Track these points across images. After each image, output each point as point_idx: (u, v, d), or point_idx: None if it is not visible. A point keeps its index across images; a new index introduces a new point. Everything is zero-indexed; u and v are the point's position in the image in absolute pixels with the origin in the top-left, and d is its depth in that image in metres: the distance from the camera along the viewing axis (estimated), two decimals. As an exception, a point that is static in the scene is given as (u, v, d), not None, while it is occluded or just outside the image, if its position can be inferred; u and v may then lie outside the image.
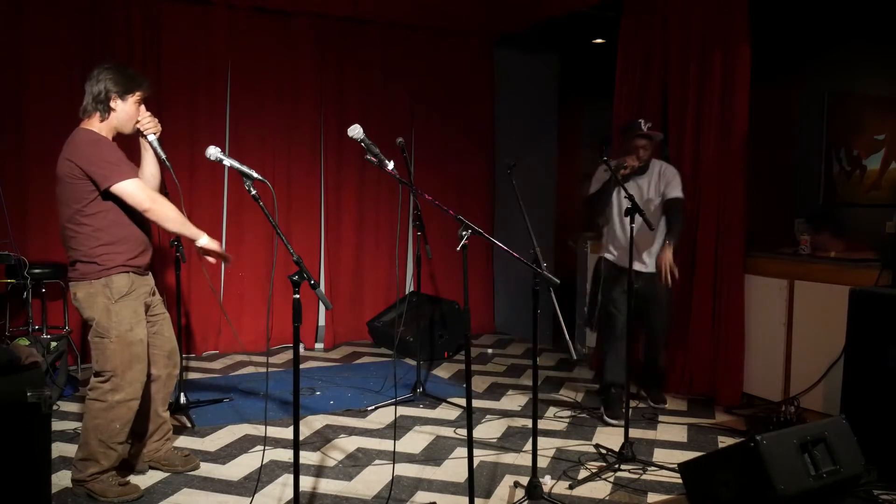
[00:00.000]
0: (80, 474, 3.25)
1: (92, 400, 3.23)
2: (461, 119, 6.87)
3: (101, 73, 3.18)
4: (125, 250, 3.21)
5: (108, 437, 3.21)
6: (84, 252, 3.17)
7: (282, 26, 6.09)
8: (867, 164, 5.79)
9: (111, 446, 3.23)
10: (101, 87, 3.16)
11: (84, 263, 3.18)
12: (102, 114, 3.19)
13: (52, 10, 5.29)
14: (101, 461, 3.23)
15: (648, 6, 5.31)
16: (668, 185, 4.43)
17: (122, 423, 3.24)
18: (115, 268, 3.18)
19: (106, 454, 3.23)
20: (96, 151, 3.11)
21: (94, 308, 3.18)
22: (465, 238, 2.84)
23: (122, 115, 3.20)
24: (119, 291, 3.18)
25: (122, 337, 3.18)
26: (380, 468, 3.69)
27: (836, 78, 5.96)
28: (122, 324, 3.18)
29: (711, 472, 3.03)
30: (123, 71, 3.23)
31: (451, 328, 5.99)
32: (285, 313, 5.98)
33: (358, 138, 3.12)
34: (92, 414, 3.22)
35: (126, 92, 3.18)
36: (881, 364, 3.56)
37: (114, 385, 3.20)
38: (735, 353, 4.76)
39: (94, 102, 3.17)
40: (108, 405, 3.20)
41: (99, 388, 3.22)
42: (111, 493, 3.22)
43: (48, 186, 5.30)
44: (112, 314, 3.17)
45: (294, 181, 6.21)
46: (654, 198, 4.45)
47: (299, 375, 2.68)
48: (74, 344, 5.17)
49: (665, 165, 4.54)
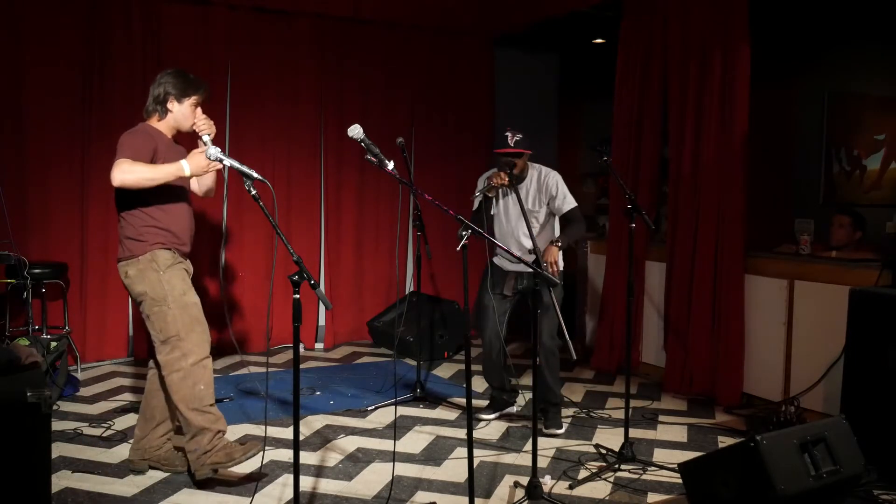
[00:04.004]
0: (199, 454, 3.28)
1: (168, 375, 3.29)
2: (461, 119, 6.87)
3: (162, 77, 3.40)
4: (169, 233, 3.34)
5: (199, 403, 3.28)
6: (131, 231, 3.30)
7: (282, 26, 6.09)
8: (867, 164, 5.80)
9: (205, 410, 3.29)
10: (161, 90, 3.37)
11: (131, 241, 3.31)
12: (161, 114, 3.39)
13: (52, 10, 5.29)
14: (208, 426, 3.28)
15: (648, 6, 5.31)
16: (554, 195, 4.13)
17: (206, 384, 3.31)
18: (157, 243, 3.30)
19: (207, 418, 3.29)
20: (128, 138, 3.26)
21: (145, 281, 3.28)
22: (465, 238, 2.85)
23: (179, 115, 3.39)
24: (165, 262, 3.30)
25: (178, 301, 3.28)
26: (380, 468, 3.69)
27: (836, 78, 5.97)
28: (176, 289, 3.29)
29: (711, 472, 3.03)
30: (183, 76, 3.41)
31: (451, 328, 5.99)
32: (285, 313, 5.98)
33: (358, 138, 3.12)
34: (174, 388, 3.28)
35: (183, 95, 3.37)
36: (881, 364, 3.56)
37: (182, 350, 3.27)
38: (735, 353, 4.76)
39: (155, 103, 3.39)
40: (185, 372, 3.26)
41: (169, 361, 3.28)
42: (237, 454, 3.29)
43: (48, 186, 5.38)
44: (164, 282, 3.28)
45: (294, 181, 6.21)
46: (536, 208, 4.16)
47: (299, 375, 2.68)
48: (74, 344, 5.18)
49: (545, 172, 4.19)
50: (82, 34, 5.39)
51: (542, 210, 4.19)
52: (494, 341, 4.29)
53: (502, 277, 4.28)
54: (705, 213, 4.91)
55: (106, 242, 5.42)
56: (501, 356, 4.36)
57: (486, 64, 7.00)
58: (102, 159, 4.96)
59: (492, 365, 4.38)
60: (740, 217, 4.74)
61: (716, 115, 4.83)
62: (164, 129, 3.40)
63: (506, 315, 4.32)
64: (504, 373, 4.44)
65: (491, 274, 4.22)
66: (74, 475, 3.50)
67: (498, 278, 4.28)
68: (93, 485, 3.41)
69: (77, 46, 5.37)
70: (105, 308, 5.54)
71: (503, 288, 4.27)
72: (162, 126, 3.39)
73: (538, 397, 4.23)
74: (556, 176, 4.19)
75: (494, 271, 4.29)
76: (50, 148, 5.36)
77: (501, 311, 4.29)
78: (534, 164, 4.23)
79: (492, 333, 4.28)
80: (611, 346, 5.60)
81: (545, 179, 4.17)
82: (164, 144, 3.33)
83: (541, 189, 4.17)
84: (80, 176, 5.45)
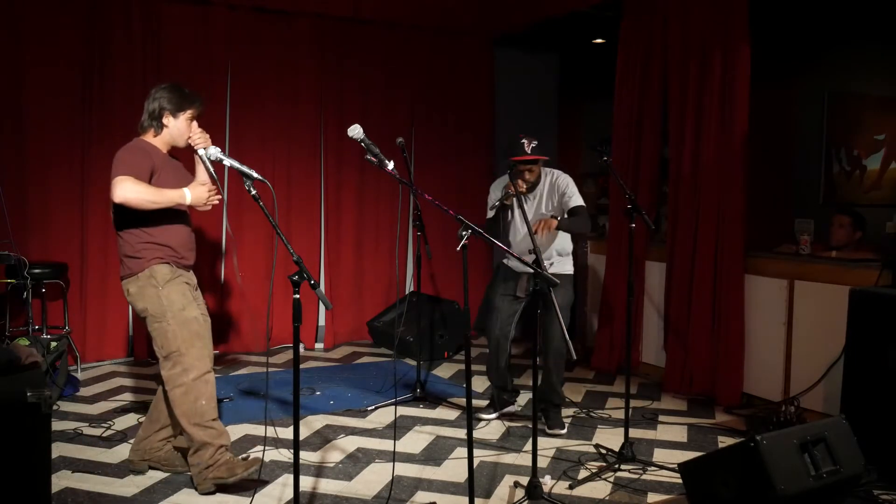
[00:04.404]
0: (201, 468, 3.29)
1: (171, 390, 3.30)
2: (461, 119, 6.87)
3: (157, 92, 3.37)
4: (168, 248, 3.34)
5: (201, 418, 3.28)
6: (129, 249, 3.32)
7: (282, 26, 6.09)
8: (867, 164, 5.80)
9: (207, 425, 3.30)
10: (156, 105, 3.34)
11: (130, 258, 3.32)
12: (157, 129, 3.37)
13: (52, 10, 5.29)
14: (210, 441, 3.29)
15: (648, 6, 5.31)
16: (563, 195, 4.16)
17: (208, 399, 3.31)
18: (154, 259, 3.31)
19: (209, 433, 3.29)
20: (125, 155, 3.26)
21: (145, 298, 3.30)
22: (465, 238, 2.85)
23: (175, 130, 3.37)
24: (163, 278, 3.31)
25: (178, 316, 3.29)
26: (380, 468, 3.69)
27: (836, 78, 5.97)
28: (175, 304, 3.30)
29: (711, 472, 3.03)
30: (178, 90, 3.39)
31: (451, 328, 5.99)
32: (285, 313, 5.98)
33: (358, 138, 3.12)
34: (176, 403, 3.29)
35: (178, 110, 3.35)
36: (881, 364, 3.56)
37: (184, 366, 3.28)
38: (735, 353, 4.76)
39: (150, 119, 3.37)
40: (186, 388, 3.27)
41: (171, 376, 3.29)
42: (239, 469, 3.29)
43: (48, 186, 5.38)
44: (162, 298, 3.29)
45: (294, 181, 6.21)
46: (549, 210, 4.18)
47: (299, 375, 2.68)
48: (74, 344, 5.17)
49: (556, 175, 4.22)
50: (82, 34, 5.39)
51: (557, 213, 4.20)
52: (502, 342, 4.30)
53: (514, 279, 4.28)
54: (705, 213, 4.90)
55: (106, 242, 5.42)
56: (507, 358, 4.38)
57: (486, 64, 7.00)
58: (102, 159, 4.96)
59: (496, 365, 4.39)
60: (740, 217, 4.74)
61: (716, 115, 4.83)
62: (160, 144, 3.38)
63: (516, 316, 4.32)
64: (507, 373, 4.45)
65: (502, 275, 4.23)
66: (74, 475, 3.50)
67: (510, 280, 4.29)
68: (93, 485, 3.41)
69: (77, 46, 5.37)
70: (105, 308, 5.54)
71: (515, 289, 4.27)
72: (157, 142, 3.38)
73: (541, 398, 4.26)
74: (566, 177, 4.24)
75: (506, 273, 4.30)
76: (50, 148, 5.36)
77: (512, 313, 4.30)
78: (545, 168, 4.24)
79: (500, 335, 4.28)
80: (611, 346, 5.60)
81: (556, 180, 4.21)
82: (160, 161, 3.33)
83: (553, 191, 4.20)
84: (80, 176, 5.45)
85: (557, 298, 3.68)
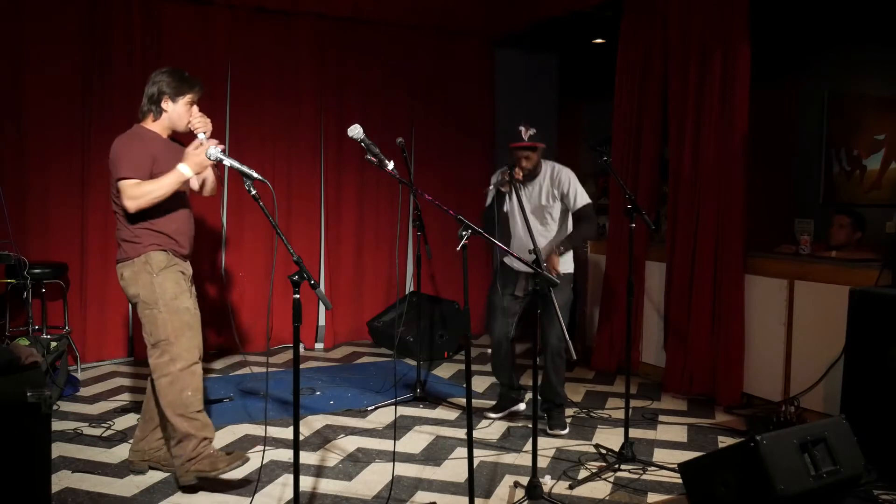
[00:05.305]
0: (183, 460, 3.27)
1: (157, 379, 3.29)
2: (461, 119, 6.87)
3: (156, 76, 3.35)
4: (166, 236, 3.33)
5: (185, 409, 3.26)
6: (127, 234, 3.30)
7: (282, 26, 6.09)
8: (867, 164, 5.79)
9: (191, 416, 3.27)
10: (156, 90, 3.32)
11: (127, 243, 3.31)
12: (156, 114, 3.35)
13: (52, 10, 5.29)
14: (194, 433, 3.26)
15: (648, 6, 5.31)
16: (566, 192, 4.14)
17: (193, 390, 3.29)
18: (152, 245, 3.29)
19: (193, 424, 3.27)
20: (123, 145, 3.26)
21: (138, 284, 3.28)
22: (465, 238, 2.84)
23: (174, 115, 3.35)
24: (159, 265, 3.29)
25: (169, 305, 3.27)
26: (380, 468, 3.69)
27: (836, 78, 5.97)
28: (167, 293, 3.28)
29: (711, 472, 3.03)
30: (177, 74, 3.36)
31: (451, 328, 5.99)
32: (285, 313, 5.98)
33: (358, 138, 3.12)
34: (162, 393, 3.28)
35: (177, 94, 3.33)
36: (881, 364, 3.56)
37: (171, 355, 3.26)
38: (735, 352, 4.76)
39: (149, 103, 3.34)
40: (173, 377, 3.26)
41: (159, 364, 3.28)
42: (221, 464, 3.26)
43: (48, 186, 5.38)
44: (156, 286, 3.27)
45: (294, 181, 6.21)
46: (549, 203, 4.17)
47: (299, 375, 2.68)
48: (74, 344, 5.17)
49: (557, 168, 4.20)
50: (82, 34, 5.39)
51: (556, 206, 4.19)
52: (504, 342, 4.31)
53: (514, 278, 4.28)
54: (705, 213, 4.90)
55: (106, 243, 5.41)
56: (510, 356, 4.38)
57: (486, 64, 7.00)
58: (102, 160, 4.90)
59: (500, 364, 4.39)
60: (740, 217, 4.74)
61: (716, 115, 4.82)
62: (160, 129, 3.37)
63: (517, 315, 4.33)
64: (513, 372, 4.47)
65: (502, 274, 4.23)
66: (74, 475, 3.50)
67: (509, 279, 4.29)
68: (93, 485, 3.41)
69: (77, 46, 5.37)
70: (105, 308, 5.54)
71: (515, 288, 4.27)
72: (157, 127, 3.36)
73: (543, 398, 4.26)
74: (568, 172, 4.21)
75: (505, 272, 4.30)
76: (50, 148, 5.36)
77: (513, 312, 4.30)
78: (546, 160, 4.24)
79: (501, 334, 4.29)
80: (611, 346, 5.60)
81: (557, 175, 4.18)
82: (161, 147, 3.32)
83: (553, 184, 4.18)
84: (80, 176, 5.44)
85: (557, 298, 3.68)
